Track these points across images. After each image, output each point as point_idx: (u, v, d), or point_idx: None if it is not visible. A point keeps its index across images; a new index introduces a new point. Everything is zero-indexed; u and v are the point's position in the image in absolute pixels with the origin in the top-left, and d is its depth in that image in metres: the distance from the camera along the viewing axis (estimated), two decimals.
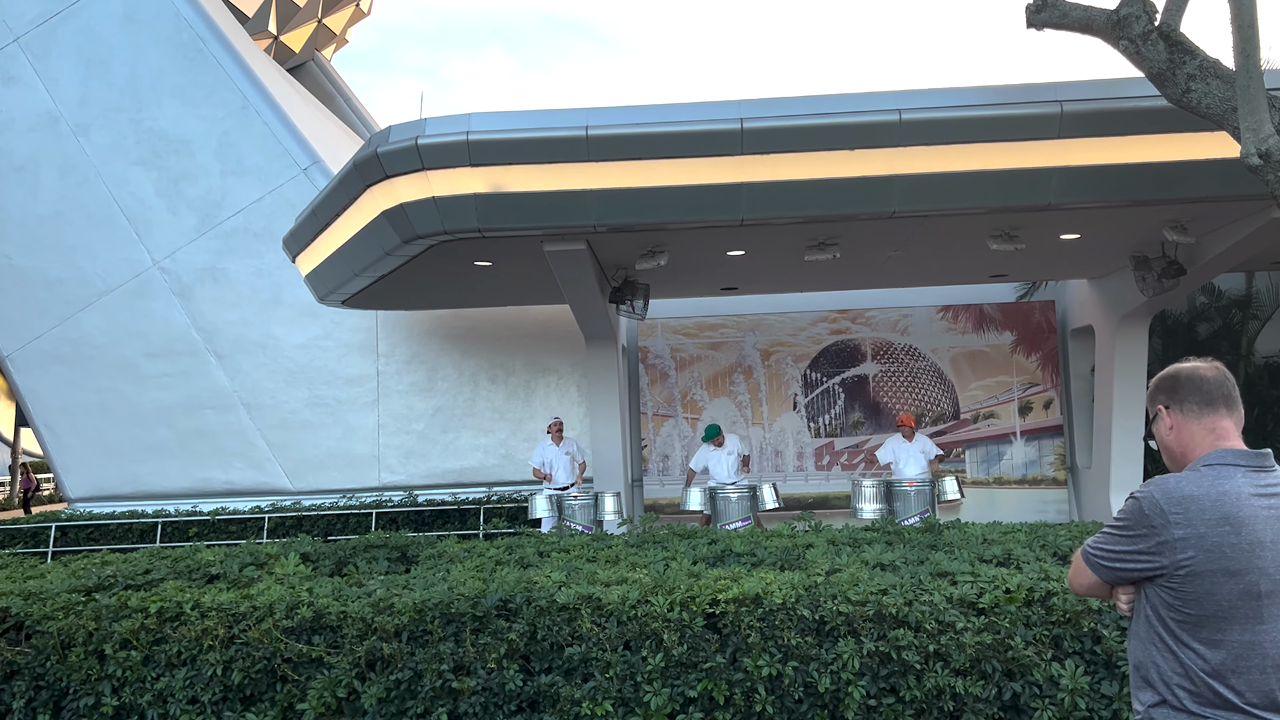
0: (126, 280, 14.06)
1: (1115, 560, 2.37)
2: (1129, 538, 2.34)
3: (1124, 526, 2.36)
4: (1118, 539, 2.37)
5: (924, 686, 4.08)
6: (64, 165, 14.14)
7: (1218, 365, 2.45)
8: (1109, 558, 2.39)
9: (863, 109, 8.22)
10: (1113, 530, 2.40)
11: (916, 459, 10.81)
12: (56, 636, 4.62)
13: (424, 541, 6.68)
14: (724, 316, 13.82)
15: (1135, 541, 2.32)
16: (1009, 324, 13.55)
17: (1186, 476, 2.33)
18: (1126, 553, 2.34)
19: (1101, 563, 2.41)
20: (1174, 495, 2.28)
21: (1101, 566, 2.42)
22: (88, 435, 14.09)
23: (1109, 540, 2.40)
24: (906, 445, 10.93)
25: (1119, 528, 2.38)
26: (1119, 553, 2.36)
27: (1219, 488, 2.26)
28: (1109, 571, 2.40)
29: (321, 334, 14.08)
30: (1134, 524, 2.33)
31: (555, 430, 11.57)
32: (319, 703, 4.26)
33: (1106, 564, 2.40)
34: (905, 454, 10.88)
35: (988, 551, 5.29)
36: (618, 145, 8.30)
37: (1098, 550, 2.43)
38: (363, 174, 8.89)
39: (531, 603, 4.40)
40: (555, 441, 11.53)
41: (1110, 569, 2.39)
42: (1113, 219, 9.23)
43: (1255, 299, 13.14)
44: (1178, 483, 2.31)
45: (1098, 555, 2.42)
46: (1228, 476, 2.28)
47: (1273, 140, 6.40)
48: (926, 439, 11.16)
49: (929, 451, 10.91)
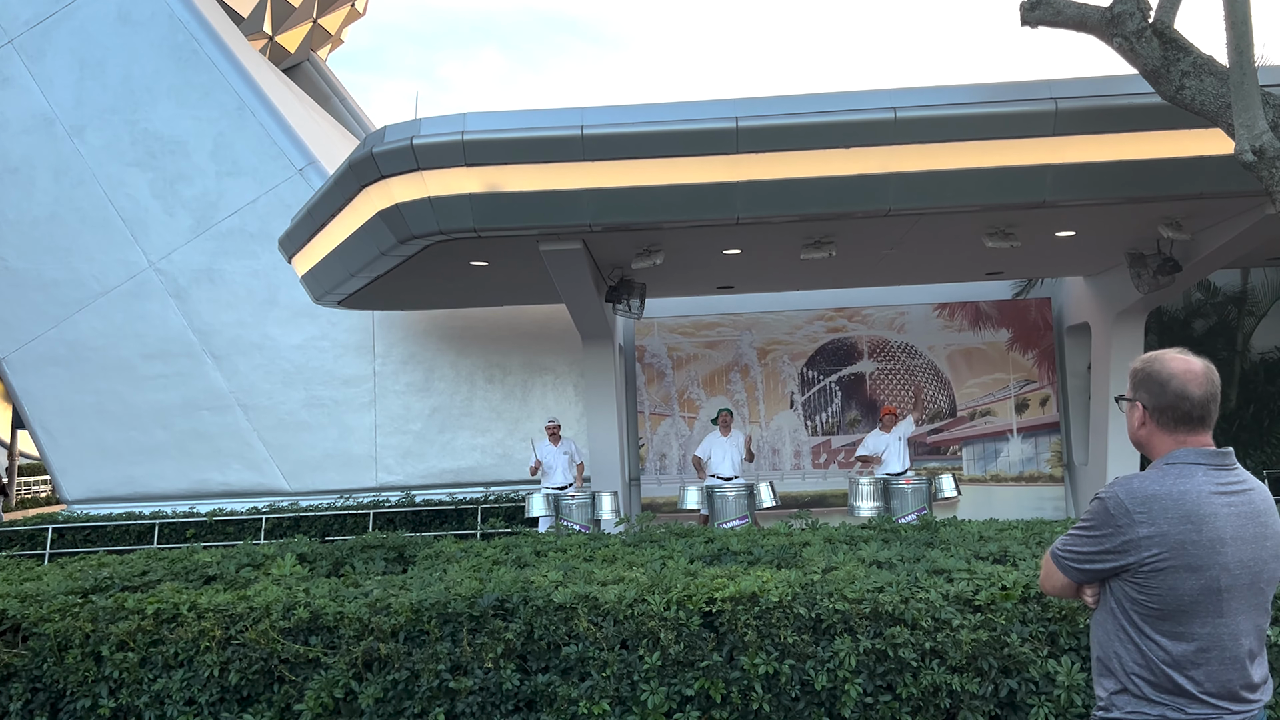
0: (122, 282, 14.05)
1: (1083, 561, 2.40)
2: (1095, 538, 2.37)
3: (1090, 527, 2.39)
4: (1084, 540, 2.40)
5: (920, 684, 4.09)
6: (59, 167, 14.12)
7: (1210, 375, 2.39)
8: (1077, 559, 2.42)
9: (858, 107, 8.23)
10: (1079, 532, 2.42)
11: (895, 446, 10.83)
12: (53, 638, 4.61)
13: (421, 542, 6.67)
14: (720, 315, 13.82)
15: (1101, 541, 2.35)
16: (1005, 321, 13.56)
17: (1149, 475, 2.36)
18: (1094, 553, 2.37)
19: (1070, 564, 2.44)
20: (1138, 494, 2.31)
21: (1071, 568, 2.44)
22: (84, 437, 14.07)
23: (1076, 541, 2.43)
24: (883, 435, 10.96)
25: (1085, 528, 2.40)
26: (1086, 553, 2.39)
27: (1180, 486, 2.30)
28: (1078, 572, 2.43)
29: (318, 334, 14.07)
30: (1099, 524, 2.36)
31: (551, 431, 11.57)
32: (316, 703, 4.26)
33: (1075, 565, 2.43)
34: (882, 443, 10.91)
35: (984, 549, 5.29)
36: (613, 144, 8.30)
37: (1066, 552, 2.45)
38: (358, 174, 8.88)
39: (528, 602, 4.40)
40: (552, 442, 11.53)
41: (1079, 569, 2.42)
42: (1108, 216, 9.24)
43: (1251, 295, 13.17)
44: (1141, 482, 2.34)
45: (1066, 557, 2.45)
46: (1189, 475, 2.32)
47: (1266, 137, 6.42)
48: (904, 424, 11.07)
49: (904, 433, 10.91)
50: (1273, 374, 12.82)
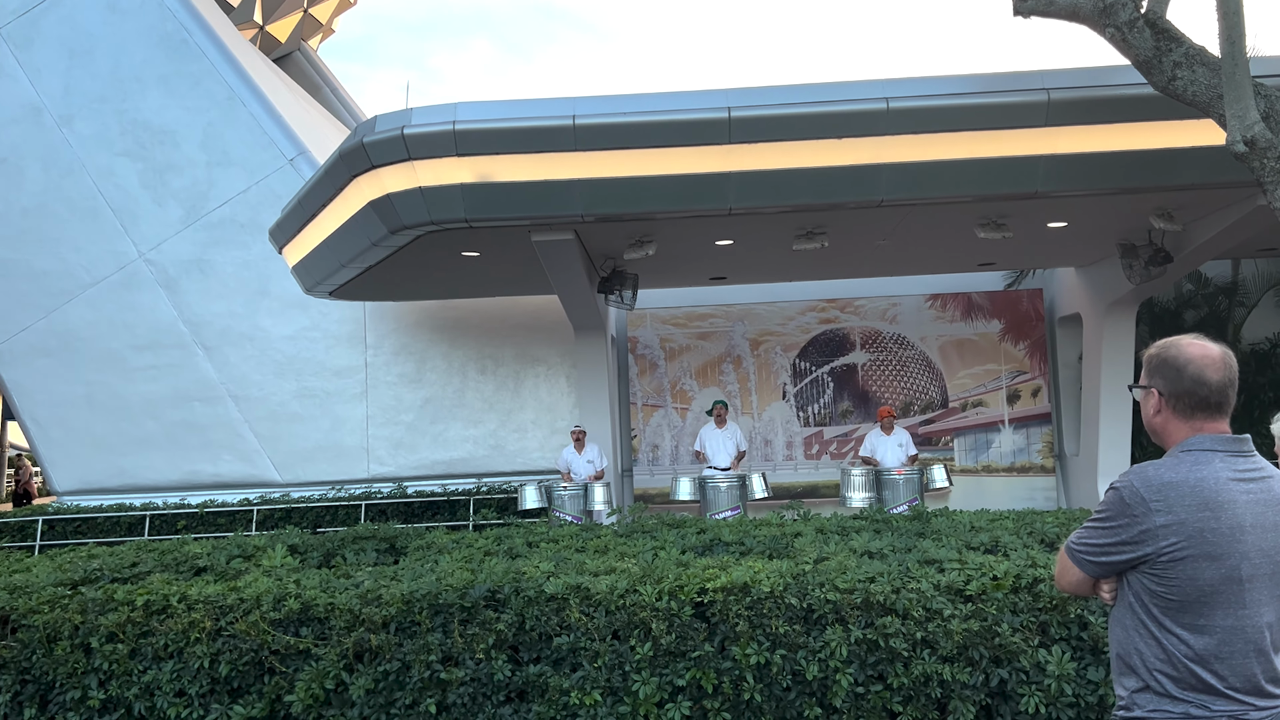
0: (112, 272, 13.98)
1: (1100, 554, 2.33)
2: (1111, 529, 2.30)
3: (1106, 518, 2.32)
4: (1100, 531, 2.33)
5: (911, 674, 4.10)
6: (48, 157, 14.03)
7: (1227, 360, 2.33)
8: (1093, 551, 2.35)
9: (850, 97, 8.21)
10: (1094, 524, 2.35)
11: (895, 452, 10.77)
12: (42, 630, 4.59)
13: (413, 533, 6.67)
14: (713, 306, 13.81)
15: (1118, 532, 2.29)
16: (997, 312, 13.58)
17: (1165, 463, 2.30)
18: (1110, 545, 2.30)
19: (1086, 558, 2.36)
20: (1153, 483, 2.26)
21: (1087, 561, 2.36)
22: (74, 428, 14.01)
23: (1091, 534, 2.36)
24: (885, 439, 10.91)
25: (1100, 520, 2.34)
26: (1103, 545, 2.32)
27: (1197, 473, 2.24)
28: (1095, 566, 2.35)
29: (309, 325, 14.03)
30: (1115, 514, 2.30)
31: (576, 438, 11.57)
32: (307, 694, 4.25)
33: (1092, 558, 2.35)
34: (884, 447, 10.86)
35: (975, 539, 5.30)
36: (605, 135, 8.27)
37: (1082, 545, 2.38)
38: (349, 164, 8.84)
39: (520, 593, 4.40)
40: (577, 449, 11.54)
41: (1095, 563, 2.35)
42: (1100, 207, 9.25)
43: (1241, 286, 13.20)
44: (1156, 470, 2.29)
45: (1081, 550, 2.38)
46: (1205, 462, 2.26)
47: (1258, 127, 6.42)
48: (905, 433, 11.02)
49: (907, 446, 10.83)
50: (1263, 365, 12.87)
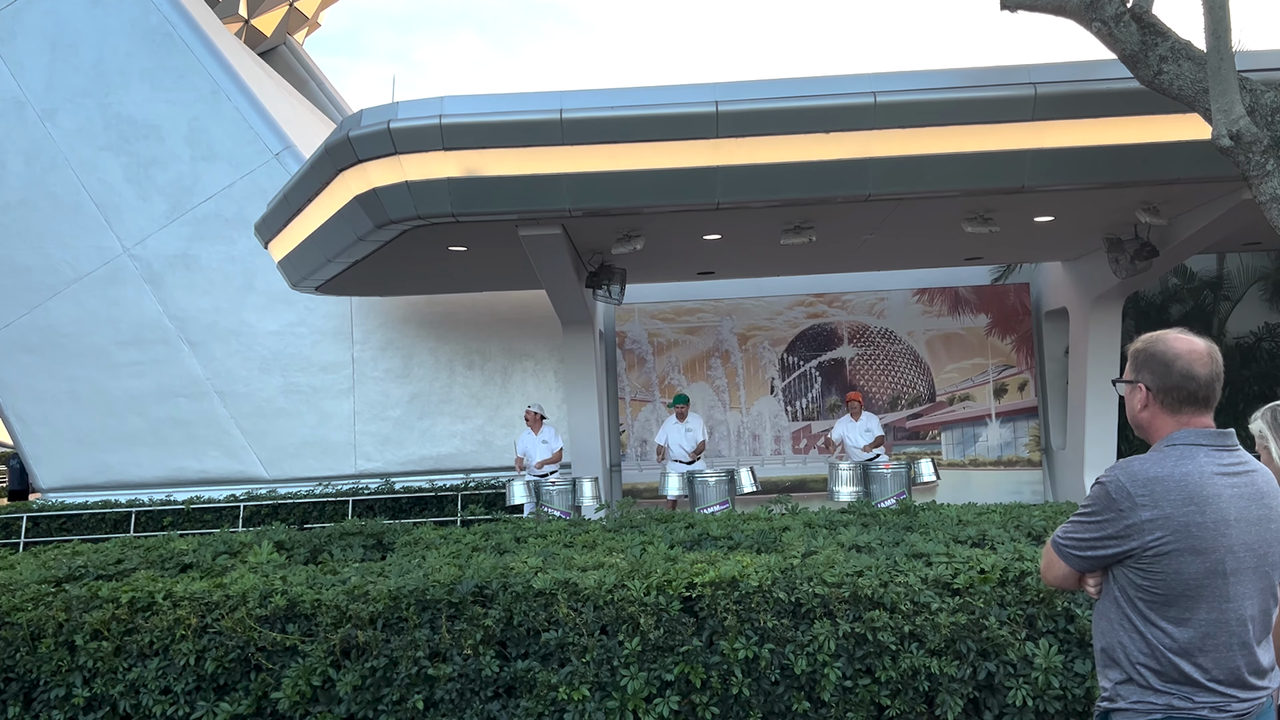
0: (96, 268, 13.87)
1: (1086, 548, 2.34)
2: (1097, 523, 2.31)
3: (1092, 512, 2.33)
4: (1086, 526, 2.34)
5: (899, 667, 4.11)
6: (30, 151, 13.90)
7: (1213, 354, 2.35)
8: (1079, 546, 2.36)
9: (838, 91, 8.21)
10: (1080, 518, 2.36)
11: (862, 437, 11.05)
12: (26, 628, 4.56)
13: (400, 529, 6.65)
14: (701, 301, 13.81)
15: (1104, 527, 2.30)
16: (984, 306, 13.61)
17: (1150, 458, 2.31)
18: (1096, 539, 2.31)
19: (1072, 552, 2.37)
20: (1139, 477, 2.27)
21: (1073, 556, 2.37)
22: (59, 425, 13.91)
23: (1077, 528, 2.37)
24: (852, 424, 11.13)
25: (1086, 514, 2.35)
26: (1089, 540, 2.33)
27: (1183, 468, 2.26)
28: (1081, 560, 2.36)
29: (295, 321, 13.95)
30: (1101, 509, 2.30)
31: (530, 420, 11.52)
32: (293, 691, 4.23)
33: (1077, 553, 2.36)
34: (853, 433, 11.12)
35: (963, 533, 5.31)
36: (592, 128, 8.25)
37: (1067, 539, 2.39)
38: (334, 158, 8.79)
39: (508, 588, 4.39)
40: (534, 430, 11.49)
41: (1081, 557, 2.36)
42: (1086, 201, 9.28)
43: (1226, 280, 13.28)
44: (1142, 464, 2.29)
45: (1067, 545, 2.39)
46: (1190, 456, 2.27)
47: (1243, 122, 6.45)
48: (874, 418, 11.34)
49: (874, 430, 11.08)
50: (1248, 358, 12.95)
